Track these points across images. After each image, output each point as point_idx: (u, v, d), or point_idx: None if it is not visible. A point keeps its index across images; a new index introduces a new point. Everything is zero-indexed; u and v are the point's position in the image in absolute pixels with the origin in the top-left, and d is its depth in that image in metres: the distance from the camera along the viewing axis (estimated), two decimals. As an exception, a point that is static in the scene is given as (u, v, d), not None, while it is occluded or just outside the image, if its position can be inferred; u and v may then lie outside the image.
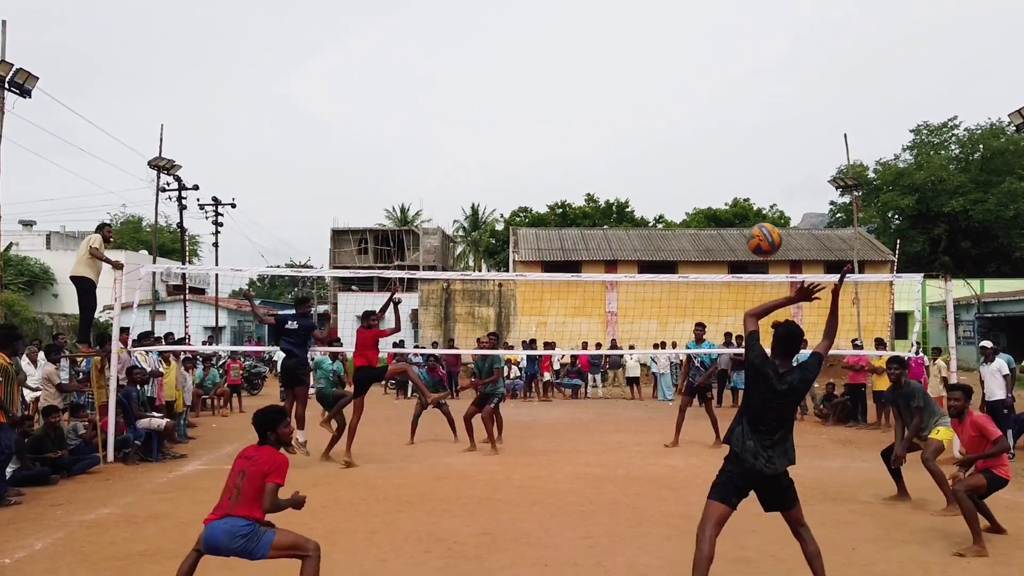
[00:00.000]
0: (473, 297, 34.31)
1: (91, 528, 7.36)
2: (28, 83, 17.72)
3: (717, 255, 35.56)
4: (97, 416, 11.13)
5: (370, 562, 6.15)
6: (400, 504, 8.32)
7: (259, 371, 25.56)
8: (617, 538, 6.86)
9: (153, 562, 6.15)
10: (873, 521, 7.62)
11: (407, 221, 61.87)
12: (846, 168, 32.96)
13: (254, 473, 5.03)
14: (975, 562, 6.21)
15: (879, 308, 31.66)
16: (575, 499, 8.59)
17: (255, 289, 79.73)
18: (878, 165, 51.46)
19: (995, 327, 33.09)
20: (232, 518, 4.87)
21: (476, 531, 7.14)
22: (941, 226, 47.53)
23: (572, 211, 55.15)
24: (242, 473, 5.05)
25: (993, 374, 12.06)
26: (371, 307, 37.22)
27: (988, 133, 47.98)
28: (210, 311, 38.27)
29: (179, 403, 13.88)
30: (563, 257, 35.39)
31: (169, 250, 50.14)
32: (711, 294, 25.66)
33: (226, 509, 4.92)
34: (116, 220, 61.08)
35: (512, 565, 6.06)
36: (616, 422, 12.68)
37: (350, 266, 49.35)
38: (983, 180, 46.68)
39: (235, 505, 4.91)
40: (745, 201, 56.22)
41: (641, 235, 39.86)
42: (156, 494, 9.03)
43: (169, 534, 7.05)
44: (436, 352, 19.60)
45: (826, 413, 16.72)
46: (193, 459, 11.66)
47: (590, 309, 31.64)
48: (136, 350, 12.50)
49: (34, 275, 42.23)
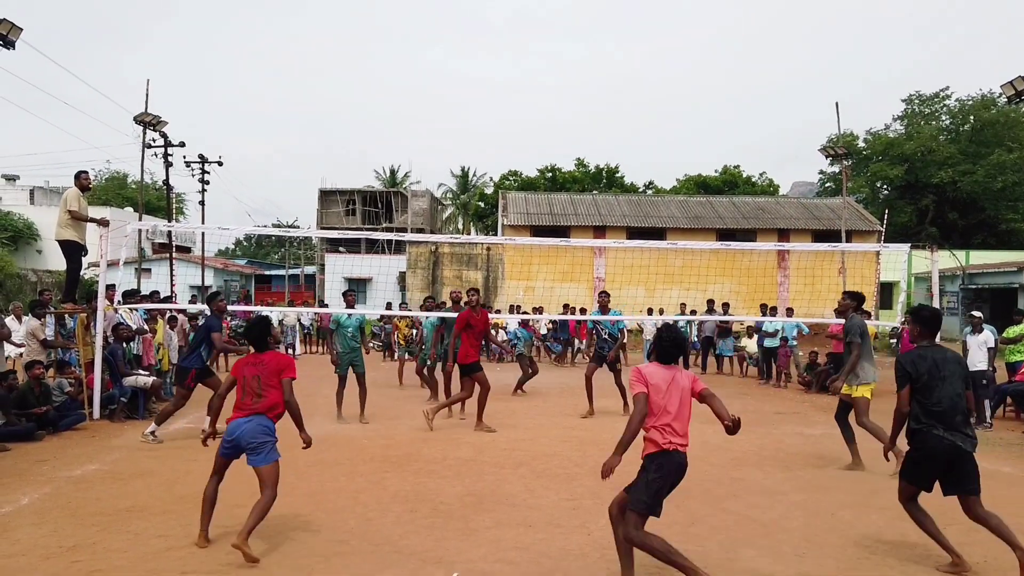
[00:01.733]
0: (461, 260, 34.30)
1: (77, 484, 7.38)
2: (12, 34, 17.35)
3: (706, 222, 35.61)
4: (83, 373, 11.12)
5: (356, 521, 6.20)
6: (386, 464, 8.37)
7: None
8: (601, 500, 6.91)
9: (139, 518, 6.18)
10: (853, 487, 7.73)
11: (396, 183, 61.51)
12: (837, 137, 32.94)
13: (268, 374, 5.63)
14: (952, 527, 6.31)
15: (865, 278, 31.87)
16: (560, 462, 8.66)
17: (242, 249, 79.52)
18: (868, 135, 51.45)
19: (979, 298, 33.35)
20: (261, 416, 5.54)
21: (461, 492, 7.20)
22: (929, 197, 47.68)
23: (562, 176, 54.94)
24: (256, 378, 5.61)
25: (980, 345, 12.18)
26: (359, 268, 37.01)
27: (979, 104, 47.95)
28: (196, 270, 38.08)
29: (165, 361, 13.85)
30: (552, 222, 35.34)
31: (155, 207, 49.73)
32: (699, 261, 25.81)
33: (251, 408, 5.54)
34: (101, 176, 60.47)
35: (497, 525, 6.13)
36: (601, 387, 12.75)
37: (338, 227, 49.15)
38: (972, 151, 46.75)
39: (258, 405, 5.55)
40: (735, 168, 56.15)
41: (630, 201, 39.81)
42: (142, 451, 9.05)
43: (154, 490, 7.08)
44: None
45: (809, 381, 16.88)
46: (179, 417, 11.64)
47: (578, 274, 31.68)
48: (121, 307, 12.43)
49: (17, 230, 41.83)
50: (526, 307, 26.83)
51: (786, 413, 13.33)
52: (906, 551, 5.68)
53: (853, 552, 5.63)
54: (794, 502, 7.03)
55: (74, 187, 11.44)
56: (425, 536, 5.83)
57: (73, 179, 11.61)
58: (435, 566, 5.18)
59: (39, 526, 5.96)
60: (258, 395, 5.56)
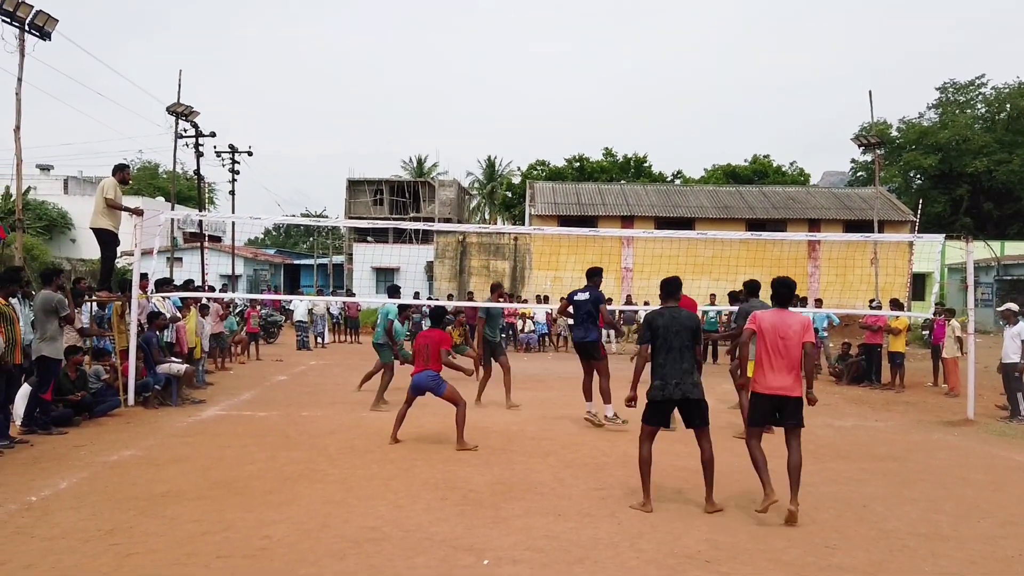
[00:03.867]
0: (488, 250, 34.33)
1: (114, 469, 7.51)
2: (48, 25, 17.63)
3: (735, 212, 35.30)
4: (118, 360, 11.30)
5: (386, 507, 6.26)
6: (416, 452, 8.44)
7: (275, 319, 25.78)
8: (630, 490, 6.93)
9: (175, 503, 6.28)
10: (884, 479, 7.66)
11: (423, 173, 61.57)
12: (869, 126, 32.46)
13: (434, 345, 8.81)
14: (985, 521, 6.25)
15: (897, 268, 31.42)
16: (589, 451, 8.68)
17: (271, 239, 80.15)
18: (902, 123, 50.68)
19: (1014, 290, 32.79)
20: (428, 371, 8.78)
21: (491, 480, 7.24)
22: (963, 186, 46.92)
23: (589, 165, 54.70)
24: (426, 347, 8.82)
25: (1013, 337, 11.97)
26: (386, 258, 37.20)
27: (1016, 92, 47.00)
28: (226, 259, 38.45)
29: (198, 350, 14.03)
30: (579, 212, 35.21)
31: (185, 197, 50.24)
32: (728, 251, 25.62)
33: (423, 366, 8.81)
34: (133, 166, 61.21)
35: (526, 514, 6.16)
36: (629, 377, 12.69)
37: (365, 217, 49.31)
38: (1008, 140, 45.89)
39: (427, 364, 8.79)
40: (765, 158, 55.57)
41: (659, 191, 39.58)
42: (176, 437, 9.20)
43: (189, 476, 7.20)
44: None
45: (840, 372, 16.73)
46: (212, 404, 11.84)
47: (606, 264, 30.92)
48: (154, 296, 12.62)
49: (52, 220, 42.45)
50: (554, 297, 26.80)
51: (818, 405, 13.21)
52: (939, 544, 5.63)
53: (884, 544, 5.59)
54: (824, 494, 6.99)
55: (112, 177, 11.59)
56: (455, 523, 5.87)
57: (113, 170, 11.75)
58: (465, 553, 5.22)
59: (77, 510, 6.09)
60: (427, 358, 8.78)
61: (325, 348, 24.17)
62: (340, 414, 11.05)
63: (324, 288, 44.43)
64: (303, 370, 17.49)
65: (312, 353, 22.16)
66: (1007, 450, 9.46)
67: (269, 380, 15.18)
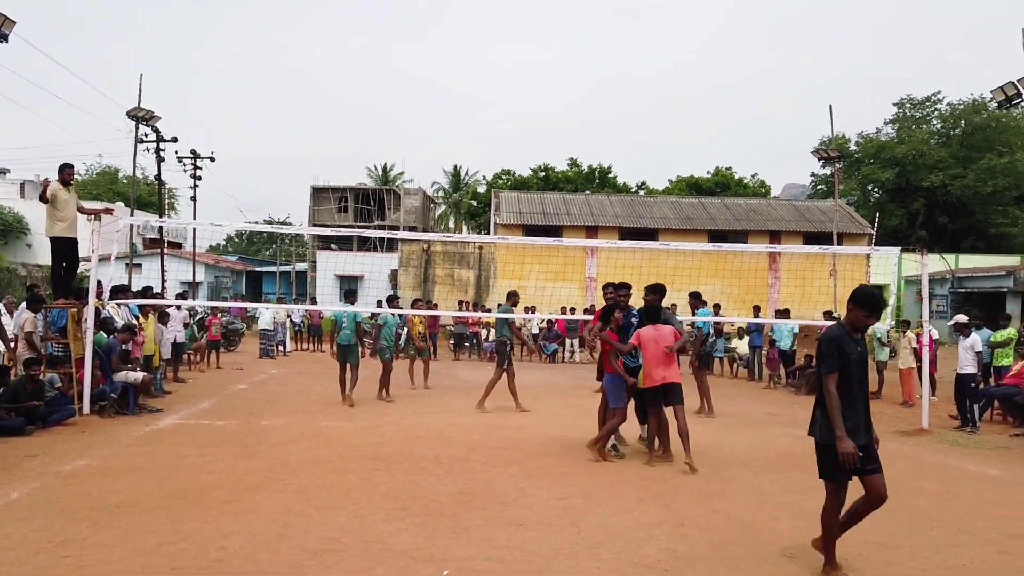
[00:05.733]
0: (453, 259, 34.27)
1: (67, 479, 7.36)
2: (5, 27, 17.31)
3: (697, 223, 35.68)
4: (73, 368, 11.08)
5: (346, 518, 6.21)
6: (377, 462, 8.38)
7: (236, 327, 25.46)
8: (592, 499, 6.96)
9: (130, 514, 6.17)
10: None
11: (388, 180, 61.39)
12: (829, 140, 33.05)
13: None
14: (938, 530, 6.37)
15: (855, 280, 31.97)
16: (551, 461, 8.69)
17: (233, 245, 79.26)
18: (860, 138, 51.68)
19: (968, 302, 33.54)
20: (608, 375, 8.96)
21: (453, 490, 7.21)
22: (920, 200, 47.91)
23: (555, 175, 54.97)
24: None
25: (967, 349, 12.27)
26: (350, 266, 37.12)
27: (970, 108, 48.18)
28: (187, 266, 37.93)
29: (156, 358, 13.82)
30: (544, 221, 35.36)
31: (145, 203, 49.51)
32: (691, 262, 25.82)
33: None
34: (92, 170, 60.17)
35: (487, 524, 6.14)
36: (593, 386, 12.78)
37: (330, 224, 49.02)
38: (963, 156, 47.00)
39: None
40: (727, 170, 56.30)
41: (623, 201, 39.87)
42: (132, 447, 9.04)
43: (145, 486, 7.07)
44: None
45: (799, 383, 16.95)
46: (170, 413, 11.65)
47: (570, 274, 31.70)
48: (109, 303, 12.40)
49: (7, 224, 41.59)
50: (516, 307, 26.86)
51: (776, 414, 13.38)
52: (893, 552, 5.73)
53: (840, 553, 5.65)
54: (783, 503, 7.08)
55: (55, 182, 11.36)
56: (416, 534, 5.84)
57: (58, 170, 11.48)
58: (425, 564, 5.19)
59: (28, 521, 5.95)
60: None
61: (287, 356, 23.95)
62: (301, 423, 10.94)
63: (287, 296, 43.97)
64: (264, 379, 17.30)
65: (273, 362, 21.93)
66: (960, 460, 9.66)
67: (229, 389, 14.99)
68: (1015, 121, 44.89)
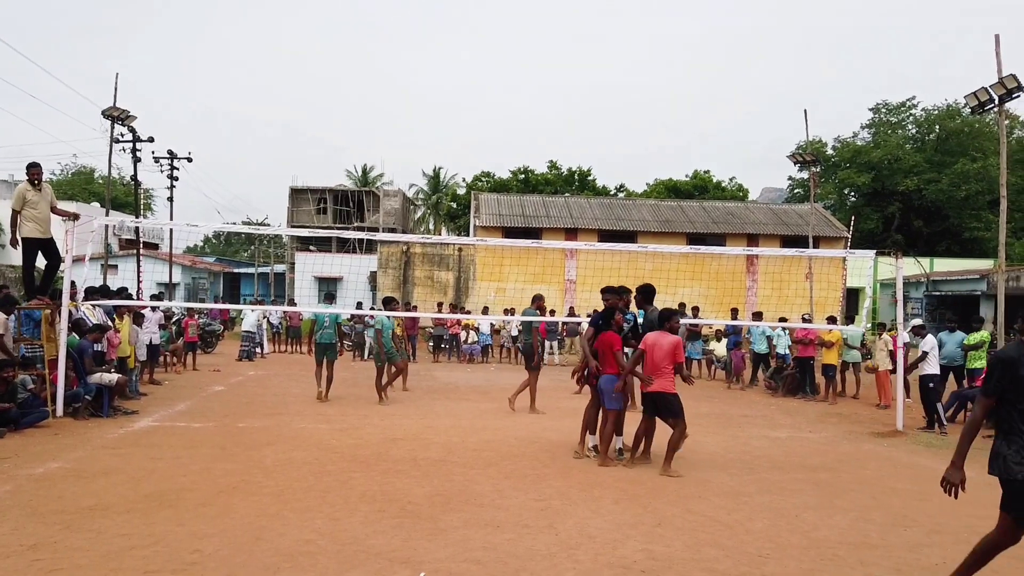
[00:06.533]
0: (433, 261, 34.20)
1: (39, 482, 7.26)
2: (-24, 25, 17.06)
3: (676, 226, 35.82)
4: (46, 370, 10.95)
5: (323, 520, 6.17)
6: (354, 464, 8.34)
7: (213, 329, 25.26)
8: (569, 501, 6.97)
9: (103, 516, 6.10)
10: (816, 489, 7.84)
11: (368, 182, 61.22)
12: (806, 144, 33.31)
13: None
14: (911, 530, 6.44)
15: (832, 283, 32.32)
16: (529, 463, 8.69)
17: (211, 246, 78.66)
18: (837, 142, 52.15)
19: (942, 305, 33.95)
20: (606, 375, 8.87)
21: (430, 492, 7.20)
22: (895, 204, 48.42)
23: (534, 177, 55.00)
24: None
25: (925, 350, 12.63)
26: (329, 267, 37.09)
27: (944, 114, 48.78)
28: (164, 267, 37.59)
29: (131, 359, 13.68)
30: (524, 223, 35.35)
31: (122, 203, 49.07)
32: (669, 265, 25.97)
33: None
34: (67, 170, 59.55)
35: (464, 525, 6.13)
36: (571, 388, 12.82)
37: (308, 225, 48.82)
38: (937, 160, 47.56)
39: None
40: (706, 173, 56.58)
41: (602, 204, 39.96)
42: (106, 449, 8.94)
43: (118, 489, 6.99)
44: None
45: (775, 386, 17.08)
46: (145, 415, 11.54)
47: (549, 276, 31.73)
48: (84, 304, 12.26)
49: (-20, 225, 41.02)
50: (496, 308, 26.87)
51: (752, 416, 13.47)
52: (867, 552, 5.78)
53: (815, 553, 5.71)
54: (759, 504, 7.12)
55: (24, 182, 11.25)
56: (392, 536, 5.82)
57: (26, 168, 11.29)
58: (402, 566, 5.17)
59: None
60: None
61: (264, 358, 23.81)
62: (278, 425, 10.87)
63: (265, 298, 43.73)
64: (241, 380, 17.18)
65: (251, 363, 21.78)
66: (933, 460, 9.77)
67: (205, 391, 14.86)
68: (988, 126, 45.47)
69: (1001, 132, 13.39)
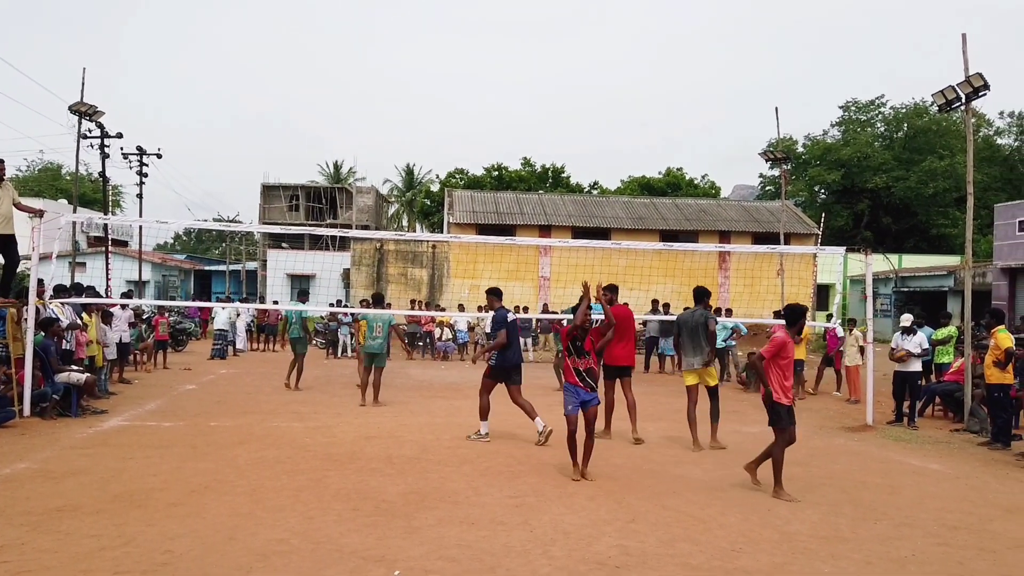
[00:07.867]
0: (406, 258, 34.09)
1: (6, 483, 7.14)
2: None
3: (649, 223, 36.00)
4: (12, 369, 10.76)
5: (296, 519, 6.13)
6: (328, 463, 8.30)
7: (184, 327, 24.97)
8: (544, 498, 6.98)
9: (72, 518, 6.01)
10: (788, 484, 7.88)
11: (340, 179, 60.88)
12: (776, 142, 33.59)
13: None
14: (882, 523, 6.52)
15: (802, 280, 32.59)
16: (504, 460, 8.69)
17: (181, 244, 77.82)
18: (807, 140, 52.69)
19: (911, 301, 34.42)
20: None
21: (405, 490, 7.17)
22: (864, 201, 49.03)
23: (508, 174, 54.99)
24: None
25: (914, 348, 12.68)
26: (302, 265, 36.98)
27: (912, 112, 49.48)
28: (133, 264, 37.11)
29: (99, 358, 13.49)
30: (498, 220, 35.35)
31: (90, 200, 48.31)
32: (643, 261, 26.11)
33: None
34: (34, 167, 58.58)
35: (439, 523, 6.12)
36: (546, 386, 12.86)
37: (280, 222, 48.41)
38: (906, 158, 48.23)
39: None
40: (678, 171, 56.89)
41: (576, 201, 40.06)
42: (75, 449, 8.81)
43: (88, 489, 6.90)
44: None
45: (747, 381, 17.20)
46: (114, 415, 11.39)
47: (523, 273, 31.75)
48: (52, 302, 12.07)
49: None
50: (470, 306, 26.83)
51: (725, 412, 13.53)
52: (838, 545, 5.84)
53: (788, 547, 5.76)
54: (732, 498, 7.18)
55: None
56: (367, 534, 5.79)
57: None
58: (376, 564, 5.15)
59: (-35, 527, 5.76)
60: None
61: (238, 356, 23.60)
62: (251, 424, 10.78)
63: (236, 296, 43.31)
64: (213, 379, 17.01)
65: (223, 362, 21.57)
66: (903, 454, 9.91)
67: (176, 389, 14.70)
68: (955, 125, 46.15)
69: (968, 130, 13.53)
